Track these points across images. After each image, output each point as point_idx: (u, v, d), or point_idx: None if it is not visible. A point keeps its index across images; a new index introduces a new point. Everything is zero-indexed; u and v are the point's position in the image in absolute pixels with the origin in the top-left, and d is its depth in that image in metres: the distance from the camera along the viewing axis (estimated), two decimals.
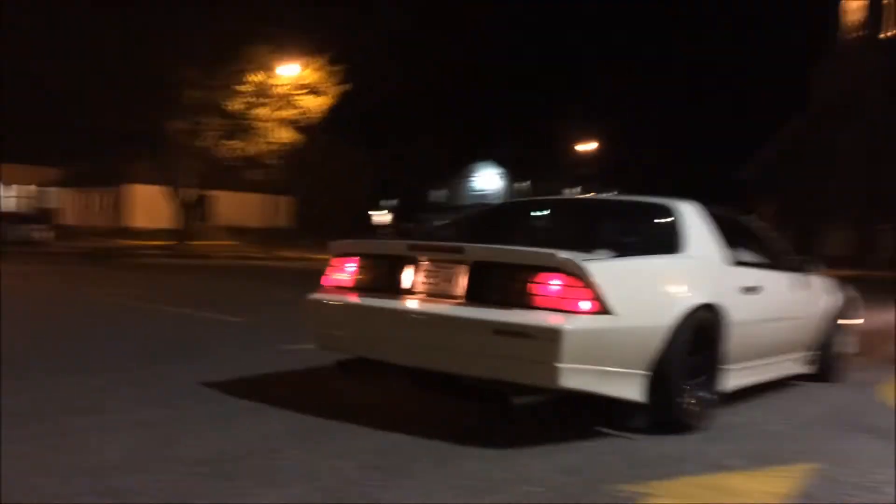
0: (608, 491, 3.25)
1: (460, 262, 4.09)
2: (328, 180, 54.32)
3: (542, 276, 3.81)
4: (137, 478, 3.17)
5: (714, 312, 4.40)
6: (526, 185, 63.06)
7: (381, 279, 4.42)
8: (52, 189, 54.43)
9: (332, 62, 29.82)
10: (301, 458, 3.54)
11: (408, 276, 4.27)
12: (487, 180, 66.35)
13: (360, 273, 4.54)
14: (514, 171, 57.34)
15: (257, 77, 29.21)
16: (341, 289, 4.59)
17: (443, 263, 4.17)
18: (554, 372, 3.64)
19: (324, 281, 4.69)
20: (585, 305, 3.74)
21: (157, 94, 27.98)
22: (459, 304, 4.03)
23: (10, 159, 52.10)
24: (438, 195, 70.98)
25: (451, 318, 3.99)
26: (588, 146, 49.91)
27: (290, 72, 29.58)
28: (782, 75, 61.44)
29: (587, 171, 55.81)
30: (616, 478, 3.43)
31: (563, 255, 3.78)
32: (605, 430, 4.20)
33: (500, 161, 62.70)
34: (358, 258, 4.58)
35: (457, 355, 3.95)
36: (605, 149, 51.48)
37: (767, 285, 5.11)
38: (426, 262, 4.23)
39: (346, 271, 4.58)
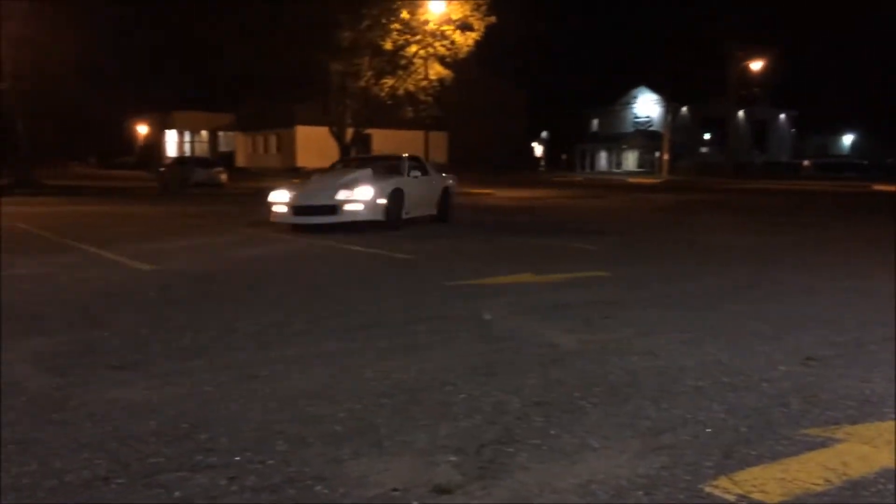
0: (791, 435, 3.16)
1: None
2: (481, 115, 54.32)
3: None
4: (329, 406, 3.43)
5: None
6: (684, 110, 59.88)
7: None
8: (223, 133, 58.03)
9: None
10: (471, 392, 3.68)
11: None
12: (647, 106, 63.34)
13: None
14: (673, 96, 54.37)
15: (406, 14, 29.52)
16: None
17: None
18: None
19: None
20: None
21: (315, 37, 28.99)
22: None
23: (183, 107, 55.98)
24: (595, 125, 69.11)
25: None
26: (756, 63, 46.00)
27: (437, 7, 29.63)
28: None
29: (757, 90, 52.08)
30: (799, 422, 3.32)
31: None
32: (782, 367, 4.08)
33: (659, 86, 59.38)
34: None
35: None
36: (779, 64, 47.51)
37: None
38: None
39: None
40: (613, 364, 4.21)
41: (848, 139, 70.85)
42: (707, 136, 61.41)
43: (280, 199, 12.15)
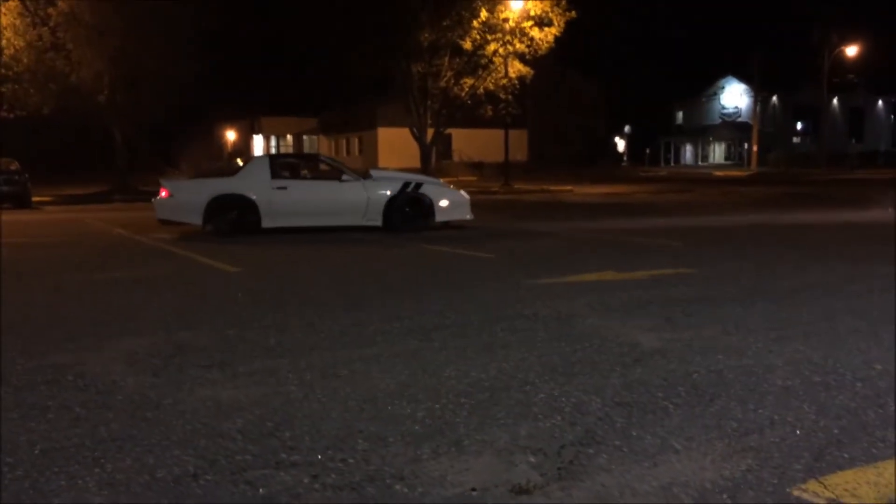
0: (886, 437, 3.02)
1: None
2: (561, 111, 53.82)
3: None
4: (409, 406, 3.47)
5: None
6: (774, 99, 57.70)
7: None
8: (307, 137, 59.43)
9: None
10: (551, 392, 3.65)
11: None
12: (734, 97, 61.35)
13: None
14: (763, 85, 52.42)
15: (485, 13, 29.55)
16: None
17: None
18: None
19: None
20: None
21: (396, 39, 29.39)
22: None
23: (269, 112, 57.68)
24: (680, 117, 67.47)
25: None
26: (852, 48, 43.93)
27: (516, 5, 29.53)
28: None
29: (852, 77, 49.72)
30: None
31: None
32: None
33: (747, 75, 57.28)
34: None
35: None
36: (876, 48, 45.22)
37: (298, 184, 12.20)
38: None
39: None
40: (698, 363, 4.11)
41: None
42: (799, 126, 59.08)
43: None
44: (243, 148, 61.53)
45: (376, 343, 4.69)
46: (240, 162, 14.61)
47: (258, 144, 60.83)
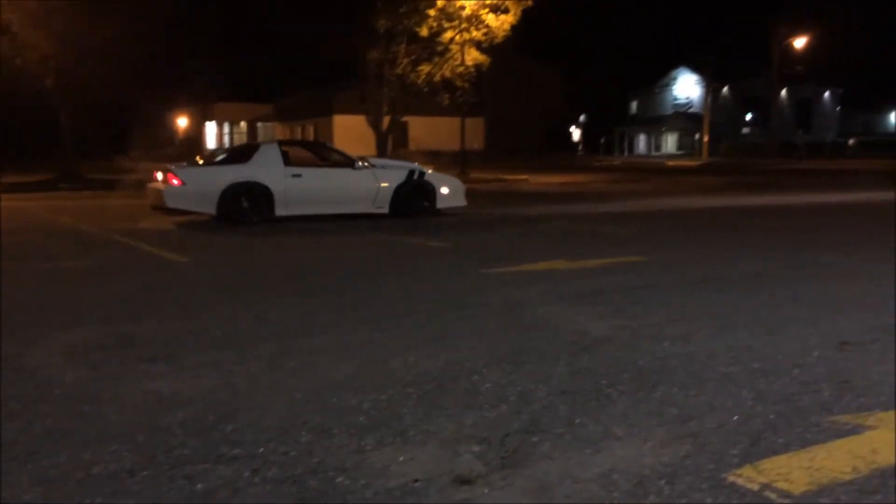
0: (820, 422, 3.10)
1: None
2: (518, 100, 53.99)
3: None
4: (355, 397, 3.45)
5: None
6: (725, 90, 58.62)
7: None
8: (261, 124, 58.63)
9: None
10: (498, 381, 3.67)
11: None
12: (686, 88, 62.17)
13: None
14: (714, 76, 53.18)
15: (441, 0, 29.48)
16: None
17: None
18: None
19: None
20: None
21: (352, 25, 29.18)
22: None
23: (223, 98, 56.71)
24: (634, 107, 68.18)
25: None
26: (800, 40, 44.80)
27: None
28: None
29: (801, 68, 50.76)
30: (830, 408, 3.25)
31: None
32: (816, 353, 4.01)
33: (699, 66, 58.04)
34: None
35: None
36: (823, 41, 46.22)
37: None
38: None
39: None
40: (643, 351, 4.17)
41: (895, 116, 68.80)
42: (749, 117, 60.17)
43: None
44: (195, 135, 60.45)
45: (326, 333, 4.66)
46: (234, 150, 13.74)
47: (211, 131, 59.82)
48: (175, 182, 11.20)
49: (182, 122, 62.64)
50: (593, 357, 4.07)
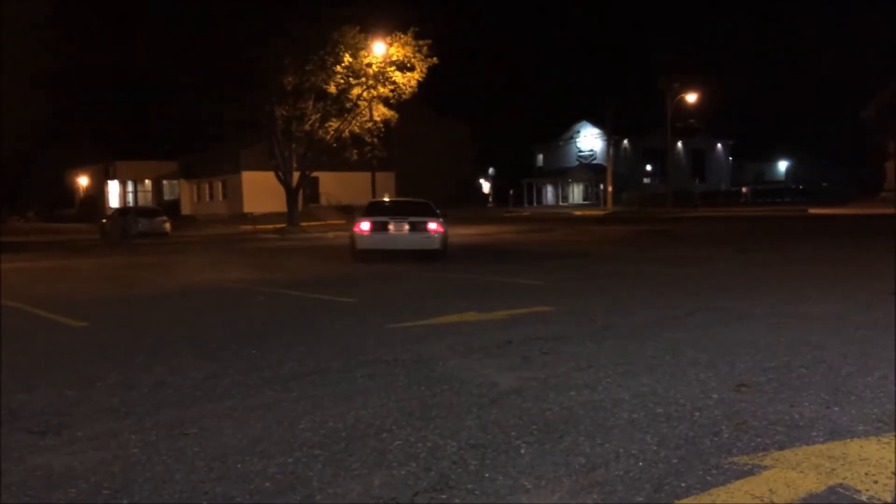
0: (720, 464, 3.19)
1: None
2: (427, 154, 54.75)
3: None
4: (260, 462, 3.35)
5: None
6: (625, 143, 61.11)
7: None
8: (167, 182, 57.30)
9: (418, 37, 30.15)
10: (408, 438, 3.63)
11: None
12: (589, 141, 64.46)
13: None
14: (614, 129, 55.48)
15: (348, 58, 29.89)
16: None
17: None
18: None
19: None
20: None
21: (260, 82, 29.13)
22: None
23: (126, 156, 55.29)
24: (540, 160, 70.07)
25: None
26: (692, 95, 47.35)
27: (378, 49, 30.09)
28: None
29: (693, 122, 53.61)
30: (730, 450, 3.35)
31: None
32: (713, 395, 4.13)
33: (600, 120, 60.41)
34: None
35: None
36: (714, 95, 48.99)
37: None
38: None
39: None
40: (551, 401, 4.21)
41: (783, 165, 73.11)
42: (648, 168, 62.74)
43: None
44: (96, 193, 58.51)
45: (230, 397, 4.52)
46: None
47: (114, 190, 57.99)
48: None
49: (83, 180, 60.62)
50: (502, 409, 4.08)
